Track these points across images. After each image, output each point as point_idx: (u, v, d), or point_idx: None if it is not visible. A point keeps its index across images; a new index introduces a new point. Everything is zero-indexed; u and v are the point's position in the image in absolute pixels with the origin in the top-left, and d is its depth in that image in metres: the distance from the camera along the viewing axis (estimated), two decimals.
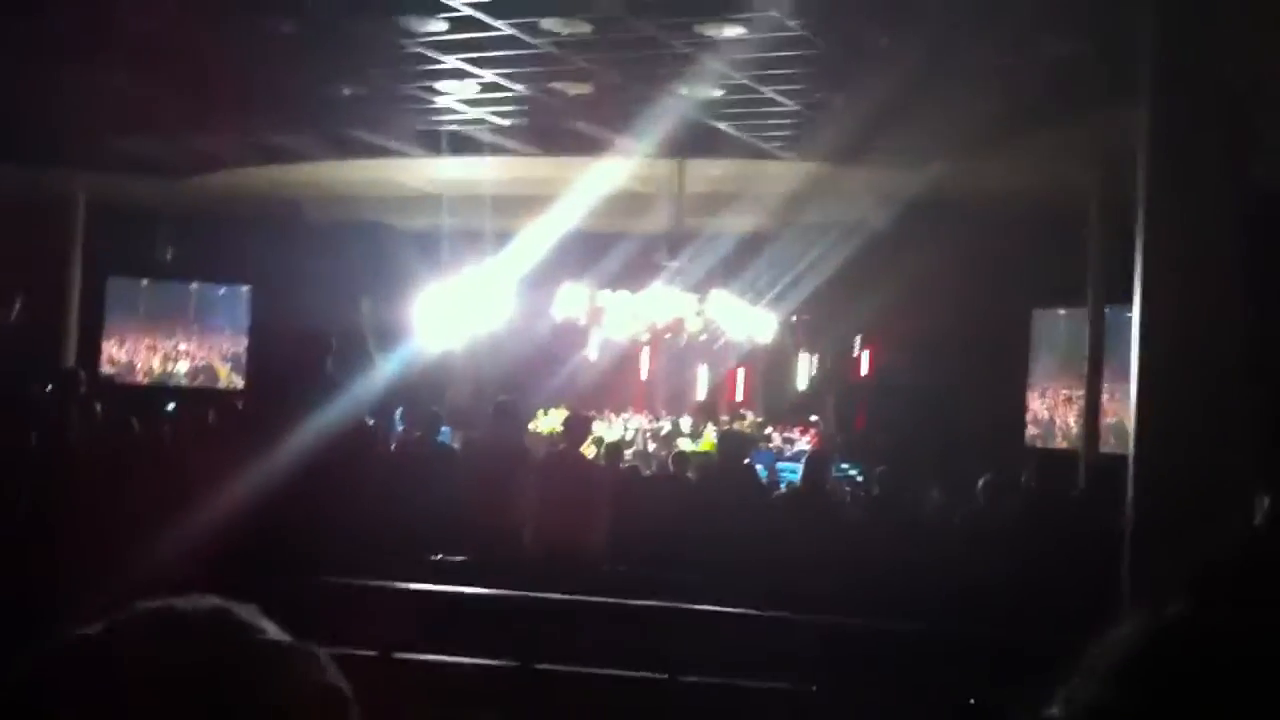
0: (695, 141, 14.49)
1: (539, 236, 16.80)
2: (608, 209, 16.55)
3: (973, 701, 5.15)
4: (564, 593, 5.62)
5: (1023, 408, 17.50)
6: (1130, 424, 6.73)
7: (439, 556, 7.41)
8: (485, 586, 5.63)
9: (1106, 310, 13.96)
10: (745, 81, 12.48)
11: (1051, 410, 17.34)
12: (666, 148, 14.80)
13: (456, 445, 11.05)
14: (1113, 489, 7.36)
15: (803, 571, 7.81)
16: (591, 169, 16.20)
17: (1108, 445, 14.12)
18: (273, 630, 0.89)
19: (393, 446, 10.46)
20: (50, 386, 6.57)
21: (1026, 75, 11.04)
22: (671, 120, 13.88)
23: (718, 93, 13.05)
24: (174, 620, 0.87)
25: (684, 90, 13.06)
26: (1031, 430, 17.37)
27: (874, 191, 16.37)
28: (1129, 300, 6.87)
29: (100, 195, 18.56)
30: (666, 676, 4.58)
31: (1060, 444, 16.57)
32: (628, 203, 16.91)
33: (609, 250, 17.49)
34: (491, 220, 16.93)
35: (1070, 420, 16.44)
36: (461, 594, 5.48)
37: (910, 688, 5.03)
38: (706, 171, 16.01)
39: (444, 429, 11.69)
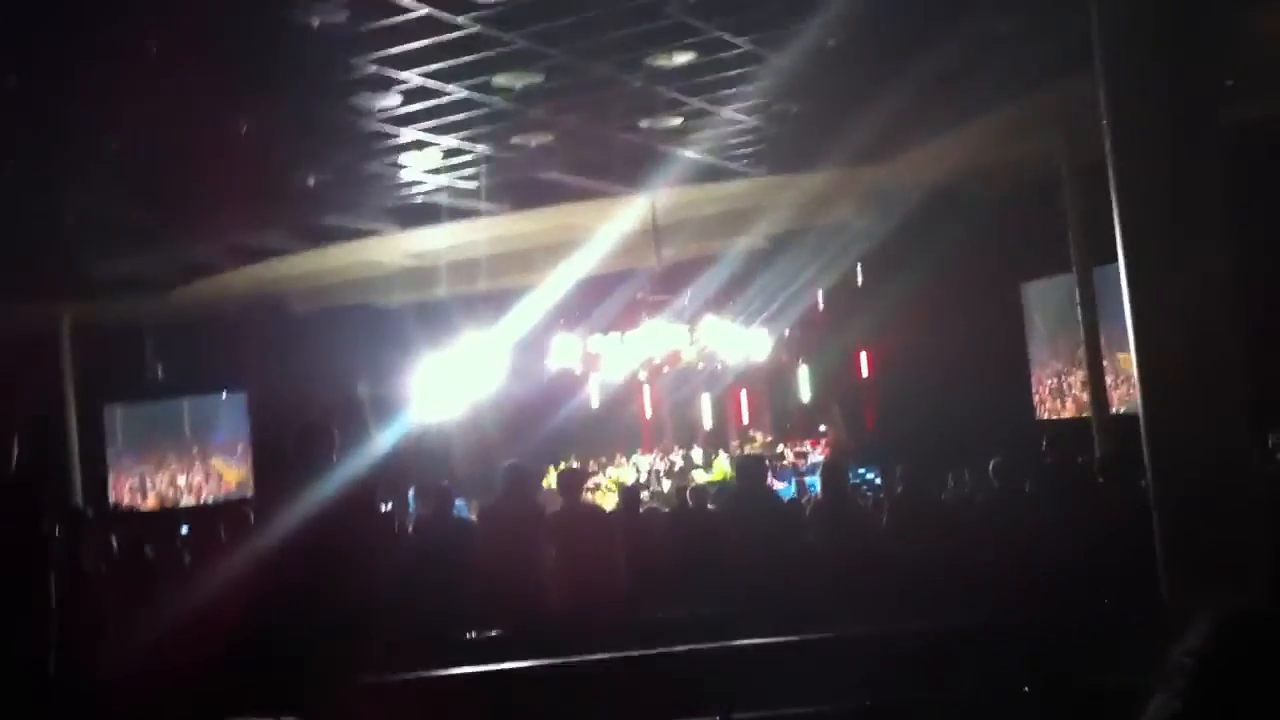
0: (666, 173, 14.50)
1: (527, 293, 16.80)
2: (591, 254, 16.56)
3: (1027, 689, 5.08)
4: (603, 649, 5.55)
5: (1027, 383, 17.44)
6: (1135, 383, 6.68)
7: (473, 634, 7.32)
8: (525, 656, 5.55)
9: (1095, 271, 13.91)
10: (703, 106, 12.50)
11: (1057, 380, 17.28)
12: (638, 184, 14.82)
13: (473, 516, 10.96)
14: (1130, 449, 7.29)
15: (843, 585, 7.74)
16: (569, 217, 16.22)
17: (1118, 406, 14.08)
18: None
19: (410, 528, 10.36)
20: (57, 528, 6.48)
21: (978, 54, 11.04)
22: (638, 156, 13.91)
23: (677, 121, 13.07)
24: None
25: (645, 124, 13.08)
26: (1040, 403, 17.30)
27: (848, 193, 16.39)
28: (1114, 259, 6.83)
29: (84, 320, 18.57)
30: (719, 719, 4.51)
31: (1071, 413, 16.49)
32: (610, 244, 16.92)
33: (597, 294, 17.49)
34: (479, 283, 16.93)
35: (1076, 387, 16.37)
36: (510, 670, 5.40)
37: (969, 683, 4.96)
38: (685, 199, 16.02)
39: (458, 502, 11.60)
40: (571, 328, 16.85)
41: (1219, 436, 6.23)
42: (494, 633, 7.15)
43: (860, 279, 17.12)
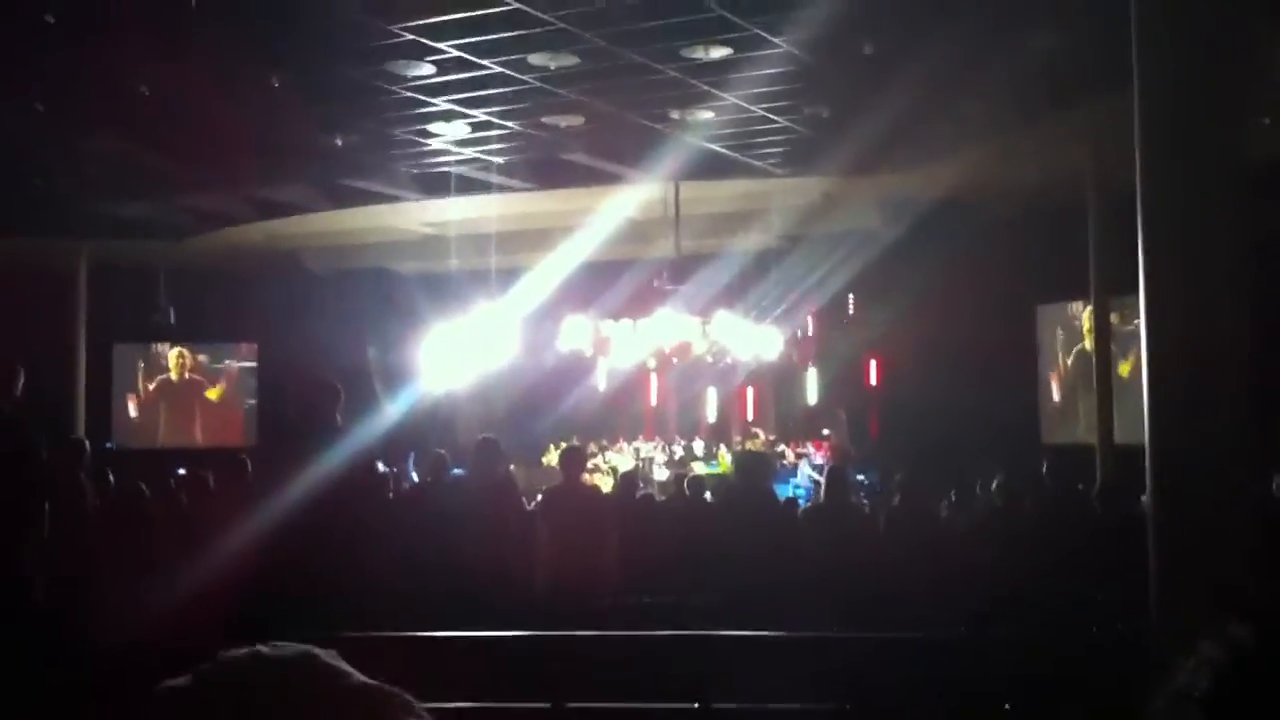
0: (691, 165, 14.50)
1: (542, 271, 16.82)
2: (608, 238, 16.57)
3: (1008, 708, 5.10)
4: (585, 629, 5.58)
5: (1035, 405, 17.43)
6: (1145, 412, 6.68)
7: (447, 601, 7.33)
8: (498, 628, 5.58)
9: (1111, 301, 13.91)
10: (735, 101, 12.49)
11: (1064, 405, 17.27)
12: (662, 173, 14.82)
13: None
14: (1132, 479, 7.30)
15: (832, 587, 7.77)
16: (589, 199, 16.23)
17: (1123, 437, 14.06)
18: (358, 675, 0.86)
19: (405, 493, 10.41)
20: (50, 455, 6.52)
21: (1013, 70, 11.03)
22: (665, 145, 13.91)
23: (709, 115, 13.07)
24: (265, 668, 0.83)
25: (675, 115, 13.08)
26: (1046, 426, 17.29)
27: (872, 201, 16.38)
28: (1131, 290, 6.83)
29: (102, 261, 18.63)
30: (697, 706, 4.53)
31: (1078, 439, 16.49)
32: (628, 230, 16.93)
33: (611, 279, 17.50)
34: (493, 258, 16.94)
35: (1082, 414, 16.36)
36: (481, 638, 5.43)
37: (946, 698, 4.98)
38: (705, 193, 16.03)
39: (456, 470, 11.63)
40: (584, 310, 16.87)
41: (1223, 471, 6.24)
42: (466, 600, 7.14)
43: (875, 286, 17.10)
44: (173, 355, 20.95)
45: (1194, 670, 0.94)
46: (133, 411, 20.95)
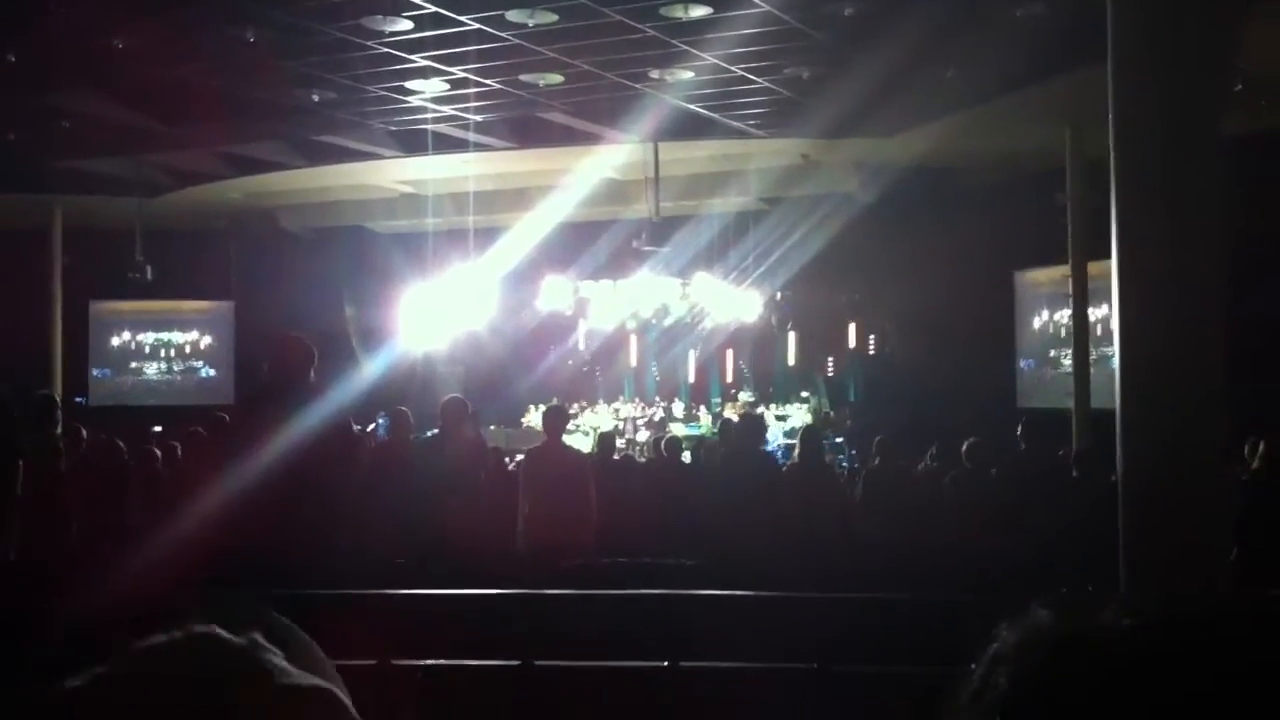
0: (670, 125, 14.46)
1: (520, 230, 16.78)
2: (587, 199, 16.53)
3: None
4: (558, 588, 5.61)
5: (1013, 371, 17.51)
6: (1116, 377, 6.72)
7: (401, 560, 7.35)
8: (467, 586, 5.60)
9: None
10: (715, 62, 12.44)
11: (1040, 370, 17.36)
12: (641, 133, 14.77)
13: None
14: (1107, 445, 7.35)
15: (810, 549, 7.83)
16: (568, 159, 16.18)
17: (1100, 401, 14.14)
18: (278, 661, 0.82)
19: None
20: (20, 411, 6.50)
21: (993, 37, 11.01)
22: (645, 105, 13.86)
23: (689, 75, 13.01)
24: (168, 665, 0.80)
25: (654, 74, 13.02)
26: (1023, 392, 17.38)
27: (850, 164, 16.38)
28: (1109, 255, 6.85)
29: (77, 218, 18.49)
30: (666, 664, 4.56)
31: (1055, 404, 16.58)
32: (607, 191, 16.89)
33: (591, 240, 17.48)
34: (471, 217, 16.89)
35: (1059, 379, 16.45)
36: (450, 595, 5.45)
37: (915, 659, 5.02)
38: (683, 154, 15.99)
39: (432, 431, 11.62)
40: (562, 271, 16.84)
41: (1194, 436, 6.28)
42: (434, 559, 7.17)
43: (854, 250, 17.10)
44: None
45: (989, 667, 0.77)
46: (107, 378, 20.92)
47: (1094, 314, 14.63)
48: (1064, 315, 15.56)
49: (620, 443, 14.14)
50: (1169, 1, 6.44)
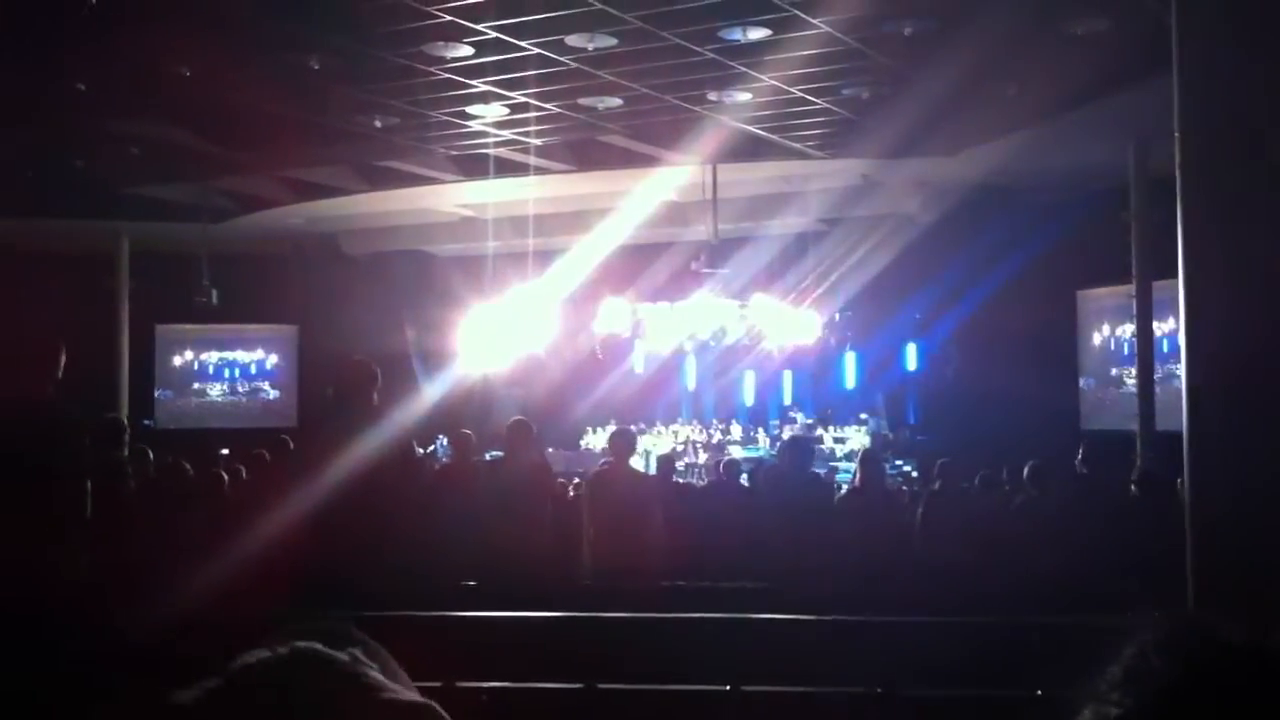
0: (728, 147, 14.46)
1: (579, 253, 16.83)
2: (646, 221, 16.56)
3: (1040, 693, 5.08)
4: (621, 611, 5.61)
5: (1075, 391, 17.30)
6: (1183, 398, 6.62)
7: (472, 583, 7.38)
8: (531, 609, 5.61)
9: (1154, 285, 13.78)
10: (774, 83, 12.44)
11: (1104, 391, 17.13)
12: (700, 155, 14.79)
13: None
14: (1171, 467, 7.25)
15: (871, 572, 7.76)
16: (627, 181, 16.22)
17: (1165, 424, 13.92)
18: (380, 678, 0.83)
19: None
20: (91, 435, 6.58)
21: (1055, 54, 10.93)
22: (703, 127, 13.88)
23: (747, 96, 13.02)
24: (277, 680, 0.80)
25: (713, 96, 13.04)
26: (1086, 414, 17.16)
27: (911, 184, 16.29)
28: (1174, 274, 6.76)
29: (143, 243, 18.81)
30: (729, 688, 4.54)
31: (1119, 425, 16.36)
32: (666, 213, 16.92)
33: (649, 262, 17.50)
34: (530, 240, 16.99)
35: (1122, 400, 16.23)
36: (517, 619, 5.47)
37: (975, 683, 4.96)
38: (742, 175, 15.98)
39: (495, 453, 11.69)
40: (621, 292, 16.87)
41: (1263, 458, 6.17)
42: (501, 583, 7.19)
43: (915, 270, 17.00)
44: None
45: (1121, 680, 0.77)
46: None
47: (1159, 328, 14.43)
48: (1126, 330, 15.35)
49: (680, 465, 14.13)
50: (1234, 14, 6.35)
